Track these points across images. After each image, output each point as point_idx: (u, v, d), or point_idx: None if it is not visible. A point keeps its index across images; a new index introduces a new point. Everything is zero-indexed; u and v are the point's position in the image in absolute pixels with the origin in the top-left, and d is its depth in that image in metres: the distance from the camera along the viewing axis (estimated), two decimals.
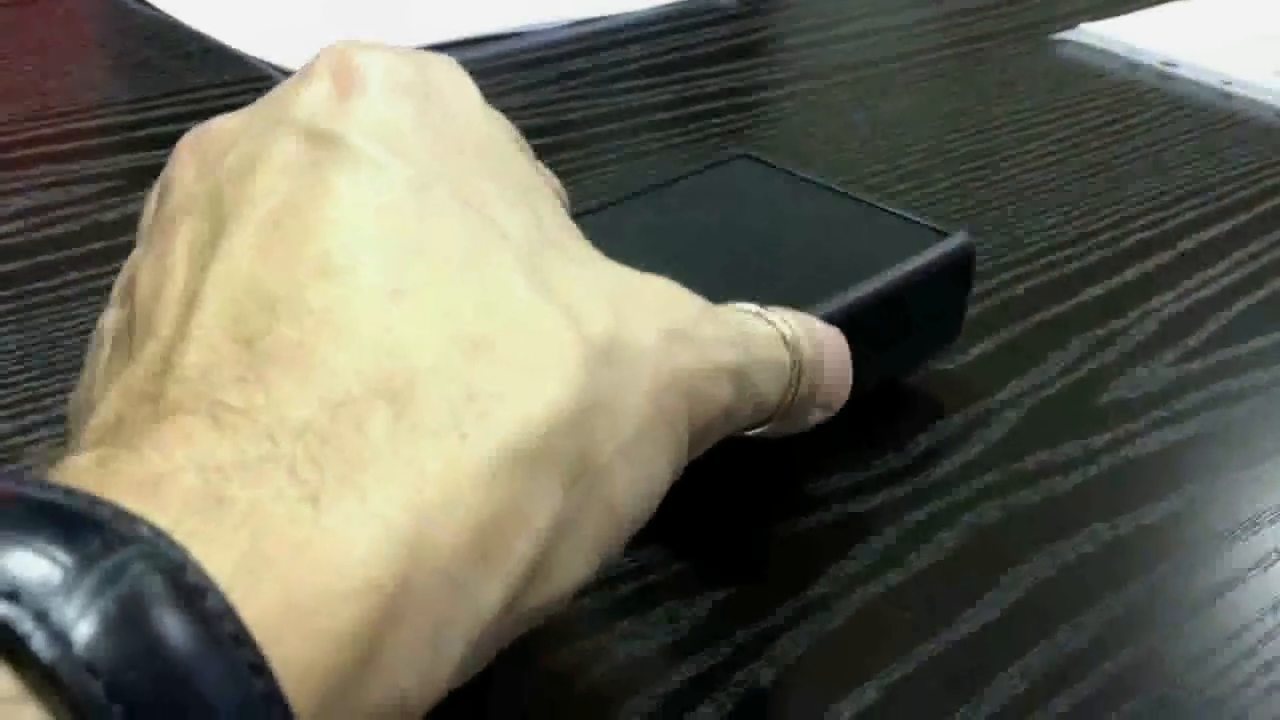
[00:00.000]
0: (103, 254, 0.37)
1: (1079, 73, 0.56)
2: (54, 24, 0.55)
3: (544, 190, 0.22)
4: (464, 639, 0.16)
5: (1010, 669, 0.25)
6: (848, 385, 0.25)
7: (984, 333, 0.36)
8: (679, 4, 0.60)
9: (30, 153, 0.43)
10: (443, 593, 0.16)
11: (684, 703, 0.24)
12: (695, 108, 0.50)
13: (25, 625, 0.13)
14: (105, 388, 0.19)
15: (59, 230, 0.39)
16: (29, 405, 0.31)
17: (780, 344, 0.23)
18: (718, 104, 0.50)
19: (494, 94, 0.50)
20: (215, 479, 0.15)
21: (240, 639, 0.14)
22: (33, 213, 0.39)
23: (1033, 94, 0.53)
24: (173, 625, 0.14)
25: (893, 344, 0.31)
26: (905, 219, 0.33)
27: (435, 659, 0.16)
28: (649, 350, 0.19)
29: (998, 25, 0.61)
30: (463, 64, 0.23)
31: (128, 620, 0.13)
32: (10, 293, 0.35)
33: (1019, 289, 0.39)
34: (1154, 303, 0.38)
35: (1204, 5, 0.64)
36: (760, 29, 0.59)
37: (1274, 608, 0.27)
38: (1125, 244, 0.42)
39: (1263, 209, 0.45)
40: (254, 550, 0.15)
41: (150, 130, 0.45)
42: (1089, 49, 0.58)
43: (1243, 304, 0.39)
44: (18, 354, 0.32)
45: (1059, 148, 0.48)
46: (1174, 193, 0.45)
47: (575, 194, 0.42)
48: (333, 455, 0.16)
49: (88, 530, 0.14)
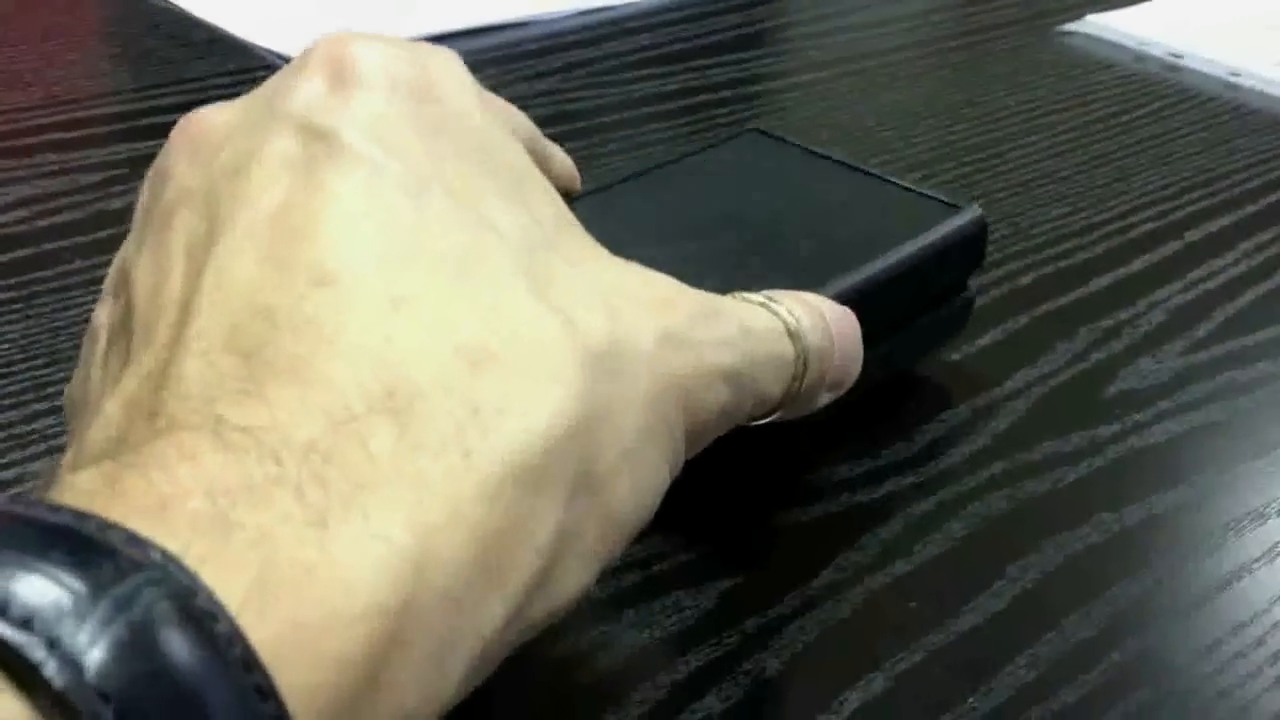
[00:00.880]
0: (107, 242, 0.37)
1: (1086, 64, 0.56)
2: (59, 12, 0.55)
3: (541, 184, 0.21)
4: (468, 655, 0.16)
5: (1018, 659, 0.25)
6: (858, 365, 0.25)
7: (991, 323, 0.36)
8: None
9: (35, 140, 0.43)
10: (447, 612, 0.16)
11: (691, 692, 0.24)
12: (702, 97, 0.50)
13: (38, 653, 0.13)
14: (104, 390, 0.18)
15: (63, 218, 0.38)
16: (32, 394, 0.30)
17: (784, 337, 0.23)
18: (724, 94, 0.50)
19: (500, 83, 0.50)
20: (223, 502, 0.15)
21: (249, 664, 0.14)
22: (37, 200, 0.39)
23: (1039, 85, 0.53)
24: (182, 650, 0.13)
25: (907, 320, 0.30)
26: (917, 193, 0.32)
27: (440, 677, 0.16)
28: (646, 356, 0.19)
29: (1004, 16, 0.60)
30: (468, 53, 0.23)
31: (139, 646, 0.13)
32: (14, 281, 0.35)
33: (1026, 279, 0.39)
34: (1161, 293, 0.38)
35: None
36: (767, 18, 0.59)
37: None
38: (1132, 234, 0.41)
39: (1270, 199, 0.44)
40: (262, 575, 0.15)
41: (154, 119, 0.45)
42: (1096, 40, 0.58)
43: (1250, 294, 0.39)
44: (21, 342, 0.32)
45: (1066, 138, 0.48)
46: (1181, 183, 0.45)
47: (582, 185, 0.42)
48: (337, 475, 0.16)
49: (100, 555, 0.14)
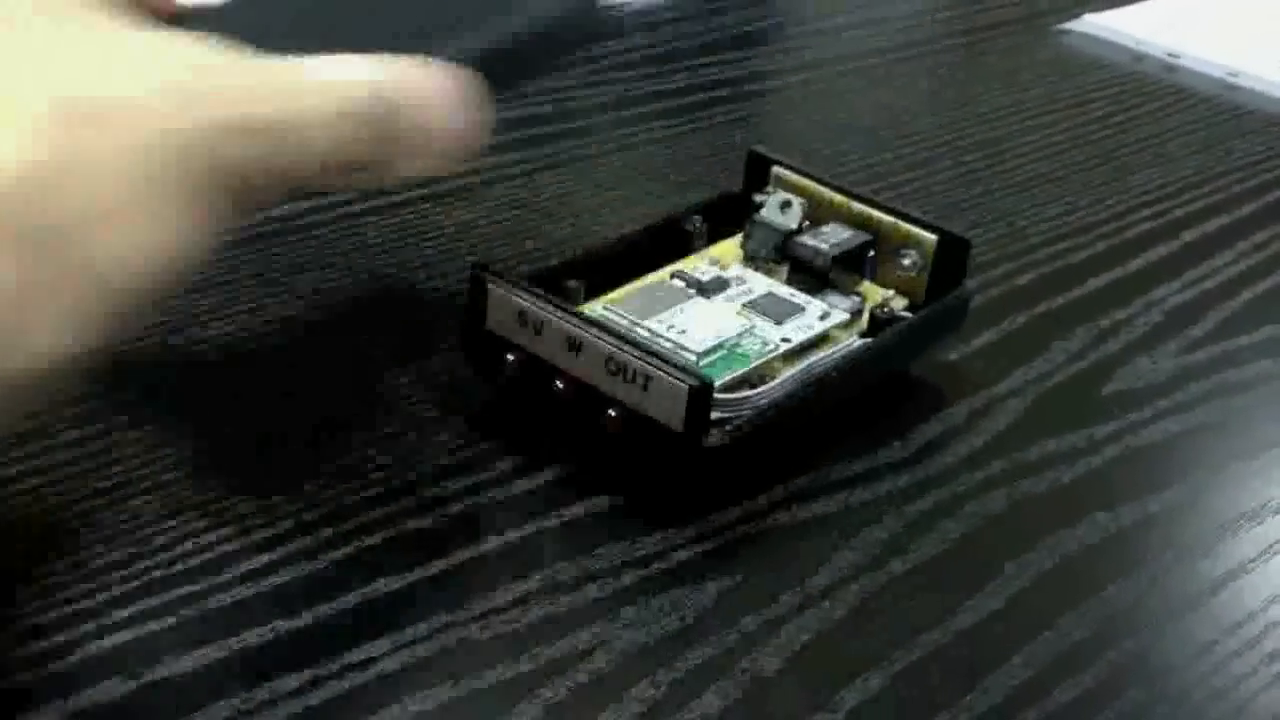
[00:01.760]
0: None
1: (1083, 63, 0.56)
2: None
3: None
4: None
5: (1014, 658, 0.25)
6: (462, 130, 0.23)
7: (988, 323, 0.36)
8: None
9: None
10: None
11: (689, 691, 0.24)
12: (699, 96, 0.50)
13: None
14: None
15: None
16: None
17: (338, 92, 0.21)
18: (722, 93, 0.50)
19: None
20: None
21: None
22: None
23: (1037, 84, 0.53)
24: None
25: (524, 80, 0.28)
26: None
27: None
28: (140, 109, 0.19)
29: (1002, 15, 0.61)
30: None
31: None
32: None
33: (1023, 279, 0.39)
34: (1158, 293, 0.38)
35: None
36: (765, 18, 0.59)
37: (1277, 598, 0.27)
38: (1129, 234, 0.42)
39: (1267, 200, 0.45)
40: None
41: None
42: (1093, 39, 0.58)
43: (1247, 294, 0.39)
44: None
45: (1063, 138, 0.48)
46: (1178, 183, 0.45)
47: (580, 183, 0.42)
48: None
49: None
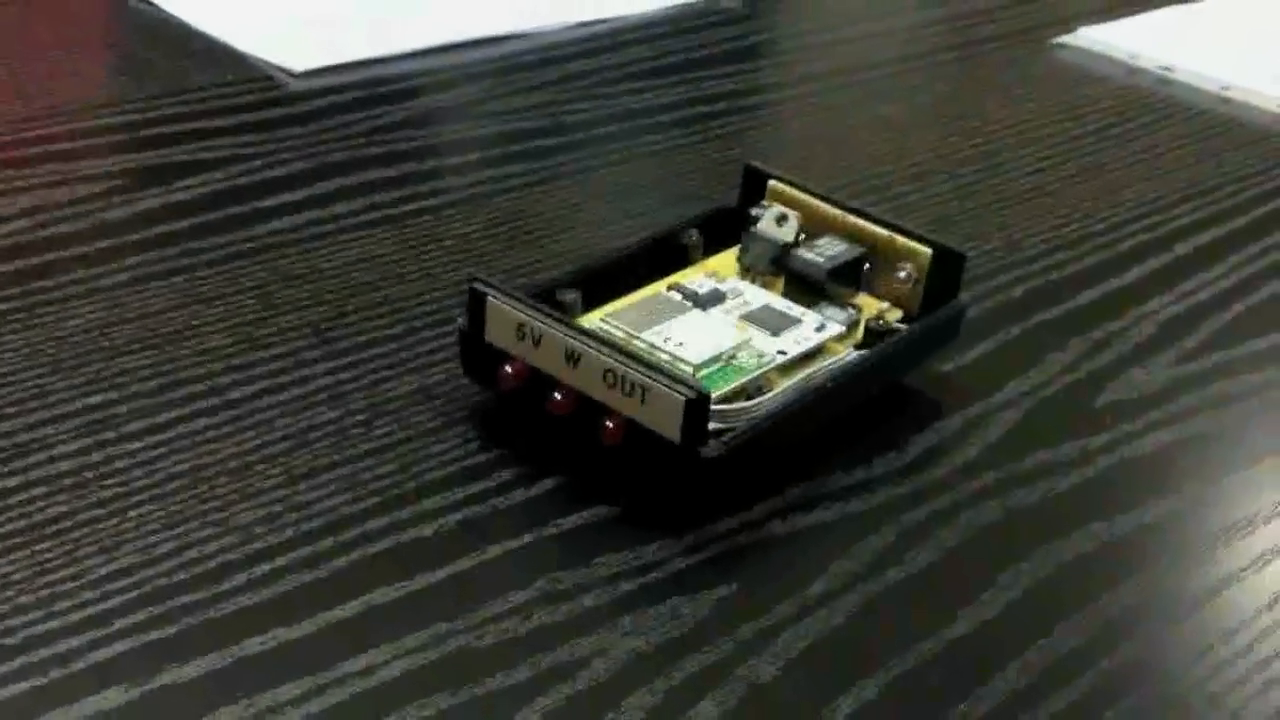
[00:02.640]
0: (109, 252, 0.37)
1: (1078, 77, 0.56)
2: (59, 23, 0.56)
3: None
4: None
5: (1009, 666, 0.25)
6: None
7: (983, 334, 0.36)
8: (682, 6, 0.60)
9: (36, 151, 0.43)
10: None
11: (686, 698, 0.24)
12: (698, 109, 0.50)
13: None
14: None
15: (64, 229, 0.39)
16: (35, 402, 0.31)
17: None
18: (720, 106, 0.50)
19: (498, 95, 0.50)
20: None
21: None
22: (39, 210, 0.40)
23: (1032, 98, 0.53)
24: None
25: None
26: None
27: None
28: None
29: (998, 29, 0.61)
30: (466, 65, 0.23)
31: None
32: (16, 290, 0.35)
33: (1017, 291, 0.39)
34: (1151, 305, 0.39)
35: (1203, 10, 0.64)
36: (763, 31, 0.59)
37: (1269, 605, 0.28)
38: (1122, 247, 0.42)
39: (1260, 213, 0.45)
40: None
41: (154, 130, 0.46)
42: (1088, 53, 0.58)
43: (1239, 306, 0.39)
44: (24, 351, 0.33)
45: (1057, 151, 0.49)
46: (1171, 196, 0.46)
47: (577, 196, 0.43)
48: None
49: None
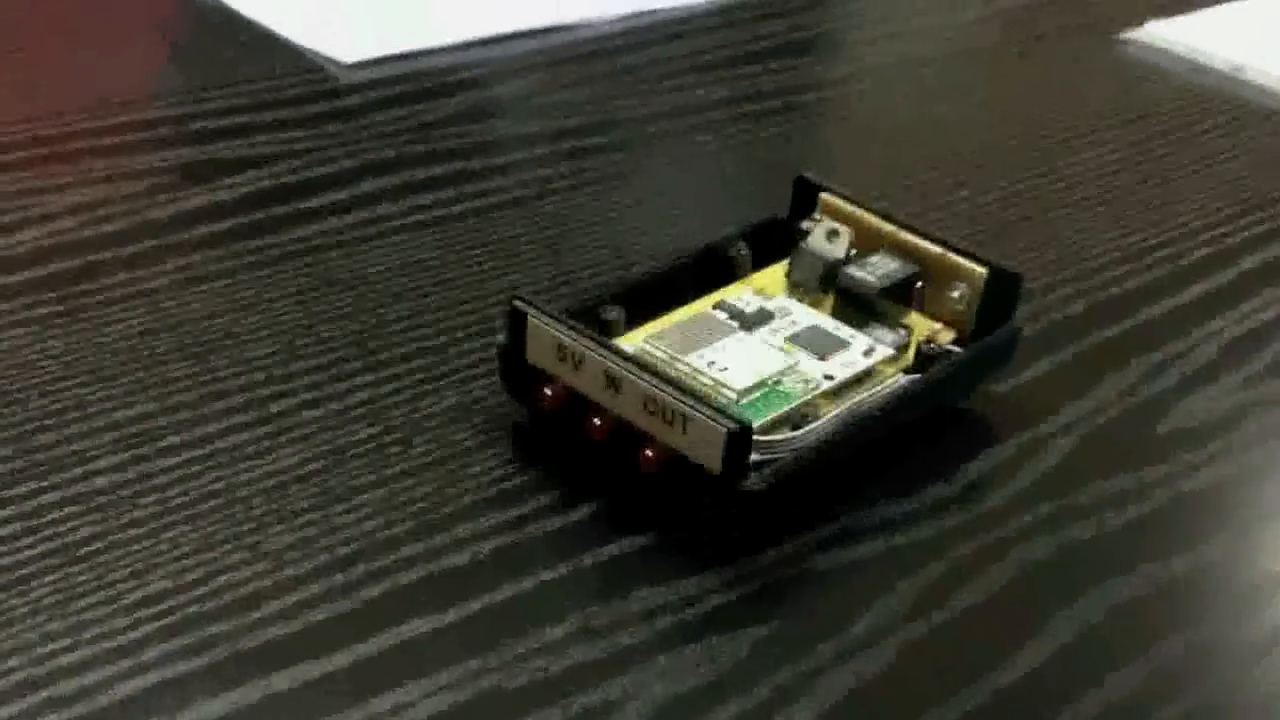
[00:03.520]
0: (152, 253, 0.37)
1: (1144, 74, 0.54)
2: (105, 14, 0.55)
3: None
4: None
5: (1059, 717, 0.25)
6: None
7: (1039, 353, 0.35)
8: None
9: (80, 146, 0.43)
10: None
11: None
12: (748, 107, 0.49)
13: None
14: None
15: (108, 228, 0.38)
16: (74, 413, 0.31)
17: None
18: (771, 103, 0.49)
19: (543, 90, 0.50)
20: None
21: None
22: (83, 209, 0.39)
23: (1094, 98, 0.52)
24: None
25: None
26: None
27: None
28: None
29: (1062, 23, 0.59)
30: (515, 58, 0.23)
31: None
32: (57, 294, 0.35)
33: (1075, 307, 0.38)
34: (1215, 324, 0.37)
35: (1276, 5, 0.62)
36: (815, 25, 0.58)
37: None
38: (1186, 261, 0.41)
39: None
40: None
41: (200, 124, 0.45)
42: (1154, 49, 0.57)
43: None
44: (65, 358, 0.32)
45: (1119, 155, 0.47)
46: (1239, 205, 0.44)
47: (623, 198, 0.42)
48: None
49: None
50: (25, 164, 0.42)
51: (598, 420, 0.28)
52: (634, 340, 0.30)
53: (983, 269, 0.32)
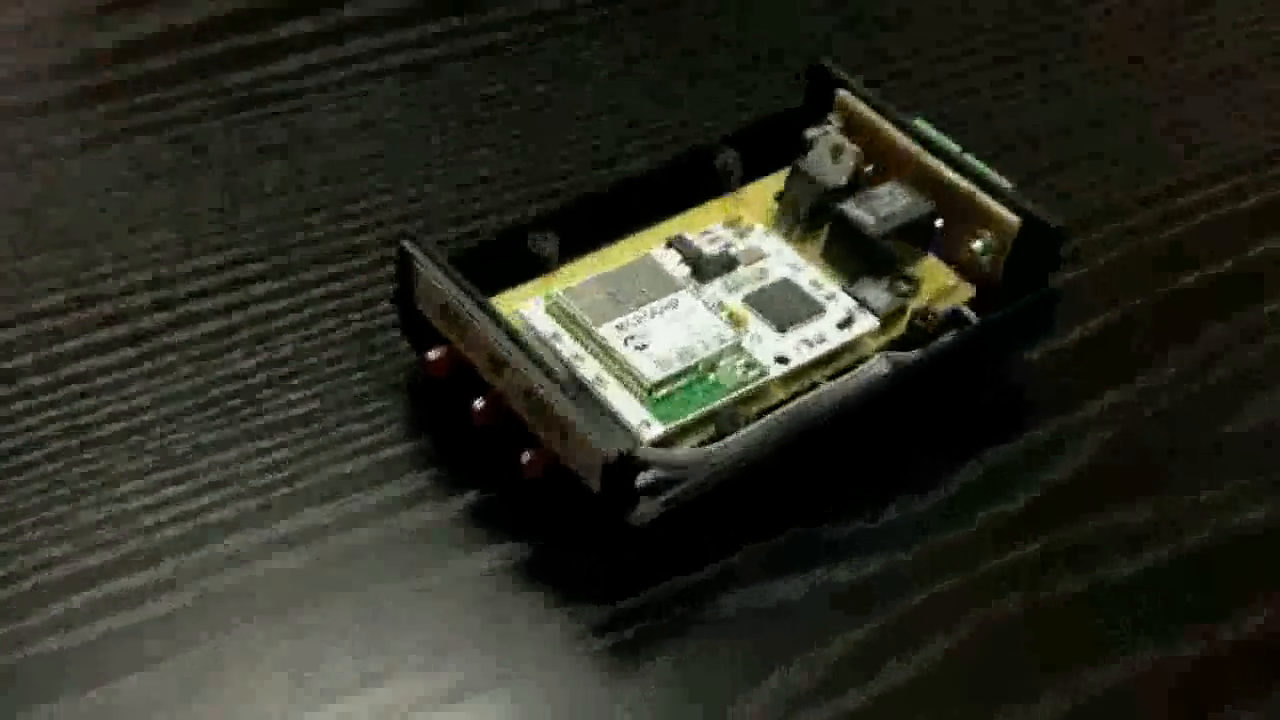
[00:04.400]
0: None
1: None
2: None
3: None
4: None
5: None
6: None
7: (1074, 318, 0.28)
8: None
9: None
10: None
11: None
12: None
13: None
14: None
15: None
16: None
17: None
18: None
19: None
20: None
21: None
22: None
23: None
24: None
25: None
26: None
27: None
28: None
29: None
30: None
31: None
32: None
33: (1122, 249, 0.30)
34: None
35: None
36: None
37: None
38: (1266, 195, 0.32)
39: None
40: None
41: None
42: None
43: None
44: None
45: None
46: None
47: (647, 69, 0.34)
48: None
49: None
50: None
51: (480, 403, 0.23)
52: (561, 283, 0.25)
53: (1015, 217, 0.25)
